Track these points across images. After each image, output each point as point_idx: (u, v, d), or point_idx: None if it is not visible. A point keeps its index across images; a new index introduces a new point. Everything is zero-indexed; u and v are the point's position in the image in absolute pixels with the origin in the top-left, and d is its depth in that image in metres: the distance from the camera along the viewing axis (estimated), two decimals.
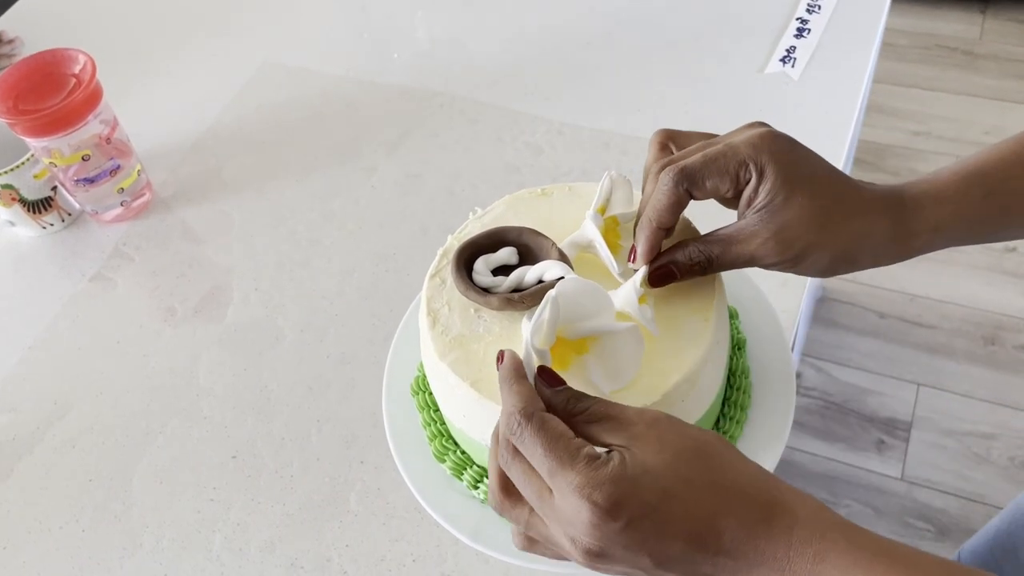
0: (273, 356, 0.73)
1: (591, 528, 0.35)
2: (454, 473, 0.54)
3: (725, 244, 0.46)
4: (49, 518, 0.66)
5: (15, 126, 0.75)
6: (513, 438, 0.39)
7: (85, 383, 0.73)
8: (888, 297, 1.68)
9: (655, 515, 0.35)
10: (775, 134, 0.45)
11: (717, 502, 0.35)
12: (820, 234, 0.44)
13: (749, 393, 0.55)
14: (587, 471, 0.36)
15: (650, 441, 0.37)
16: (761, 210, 0.44)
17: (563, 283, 0.45)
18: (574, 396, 0.40)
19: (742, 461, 0.37)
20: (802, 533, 0.35)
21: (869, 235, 0.45)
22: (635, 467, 0.36)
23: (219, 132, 0.93)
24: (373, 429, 0.68)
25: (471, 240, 0.52)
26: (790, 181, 0.44)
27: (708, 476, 0.36)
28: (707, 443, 0.37)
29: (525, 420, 0.38)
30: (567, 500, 0.36)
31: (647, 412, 0.39)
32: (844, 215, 0.45)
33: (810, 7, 0.92)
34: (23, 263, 0.83)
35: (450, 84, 0.94)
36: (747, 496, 0.36)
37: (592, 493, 0.35)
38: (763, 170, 0.44)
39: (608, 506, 0.35)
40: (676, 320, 0.48)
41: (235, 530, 0.64)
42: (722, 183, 0.44)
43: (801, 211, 0.44)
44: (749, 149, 0.44)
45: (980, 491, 1.42)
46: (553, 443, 0.37)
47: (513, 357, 0.43)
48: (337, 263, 0.79)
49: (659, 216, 0.46)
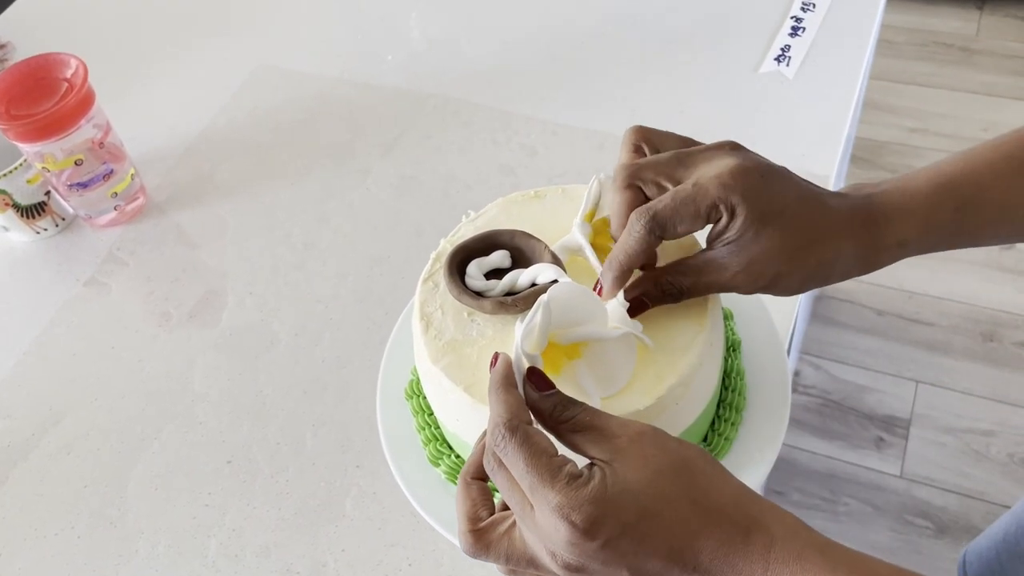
0: (268, 360, 0.73)
1: (569, 546, 0.36)
2: (449, 478, 0.54)
3: (696, 275, 0.47)
4: (45, 524, 0.66)
5: (7, 131, 0.74)
6: (496, 449, 0.38)
7: (80, 388, 0.73)
8: (886, 294, 1.68)
9: (633, 533, 0.35)
10: (745, 168, 0.44)
11: (696, 521, 0.35)
12: (789, 264, 0.45)
13: (744, 395, 0.55)
14: (566, 491, 0.36)
15: (632, 457, 0.37)
16: (731, 244, 0.45)
17: (555, 288, 0.45)
18: (561, 403, 0.40)
19: (723, 478, 0.37)
20: (779, 553, 0.35)
21: (837, 258, 0.46)
22: (614, 486, 0.36)
23: (213, 135, 0.92)
24: (369, 433, 0.67)
25: (463, 244, 0.52)
26: (760, 218, 0.44)
27: (688, 494, 0.36)
28: (689, 460, 0.37)
29: (509, 433, 0.38)
30: (546, 517, 0.36)
31: (631, 425, 0.38)
32: (812, 243, 0.45)
33: (804, 5, 0.92)
34: (17, 268, 0.83)
35: (444, 86, 0.93)
36: (726, 515, 0.36)
37: (571, 513, 0.35)
38: (734, 209, 0.44)
39: (586, 526, 0.35)
40: (670, 324, 0.48)
41: (230, 536, 0.64)
42: (693, 225, 0.45)
43: (770, 244, 0.44)
44: (720, 190, 0.44)
45: (980, 488, 1.42)
46: (535, 459, 0.37)
47: (504, 363, 0.42)
48: (332, 266, 0.79)
49: (629, 260, 0.46)
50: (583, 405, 0.40)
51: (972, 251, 1.71)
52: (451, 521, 0.53)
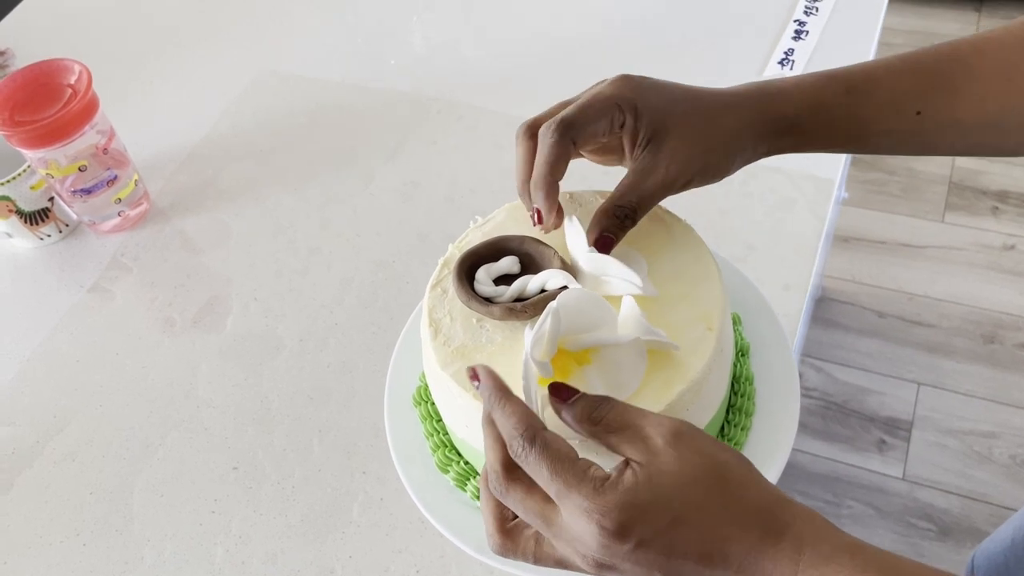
0: (273, 366, 0.73)
1: (601, 547, 0.36)
2: (458, 484, 0.54)
3: (635, 189, 0.49)
4: (49, 532, 0.66)
5: (11, 138, 0.74)
6: (517, 460, 0.38)
7: (84, 395, 0.73)
8: (887, 296, 1.68)
9: (664, 539, 0.35)
10: (627, 75, 0.49)
11: (727, 526, 0.35)
12: (707, 141, 0.49)
13: (753, 399, 0.54)
14: (595, 496, 0.35)
15: (668, 461, 0.36)
16: (648, 144, 0.48)
17: (564, 295, 0.45)
18: (589, 404, 0.40)
19: (756, 482, 0.37)
20: (810, 557, 0.35)
21: (743, 127, 0.49)
22: (647, 491, 0.36)
23: (216, 141, 0.92)
24: (375, 439, 0.67)
25: (472, 250, 0.52)
26: (661, 110, 0.48)
27: (721, 499, 0.36)
28: (724, 463, 0.37)
29: (528, 443, 0.38)
30: (576, 521, 0.36)
31: (666, 423, 0.38)
32: (716, 116, 0.49)
33: (808, 9, 0.92)
34: (20, 275, 0.83)
35: (447, 90, 0.93)
36: (757, 520, 0.36)
37: (601, 518, 0.35)
38: (634, 107, 0.47)
39: (616, 529, 0.35)
40: (680, 328, 0.48)
41: (237, 543, 0.63)
42: (599, 126, 0.47)
43: (681, 130, 0.48)
44: (615, 90, 0.48)
45: (982, 490, 1.42)
46: (559, 464, 0.37)
47: (489, 374, 0.42)
48: (336, 271, 0.79)
49: (551, 169, 0.48)
50: (611, 403, 0.40)
51: (973, 253, 1.71)
52: (460, 527, 0.53)
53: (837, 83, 0.50)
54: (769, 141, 0.50)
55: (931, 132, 0.51)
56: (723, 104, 0.50)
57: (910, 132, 0.51)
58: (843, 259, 1.74)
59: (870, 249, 1.76)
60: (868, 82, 0.50)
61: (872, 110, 0.50)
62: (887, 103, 0.50)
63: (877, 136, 0.51)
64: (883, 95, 0.50)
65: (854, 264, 1.73)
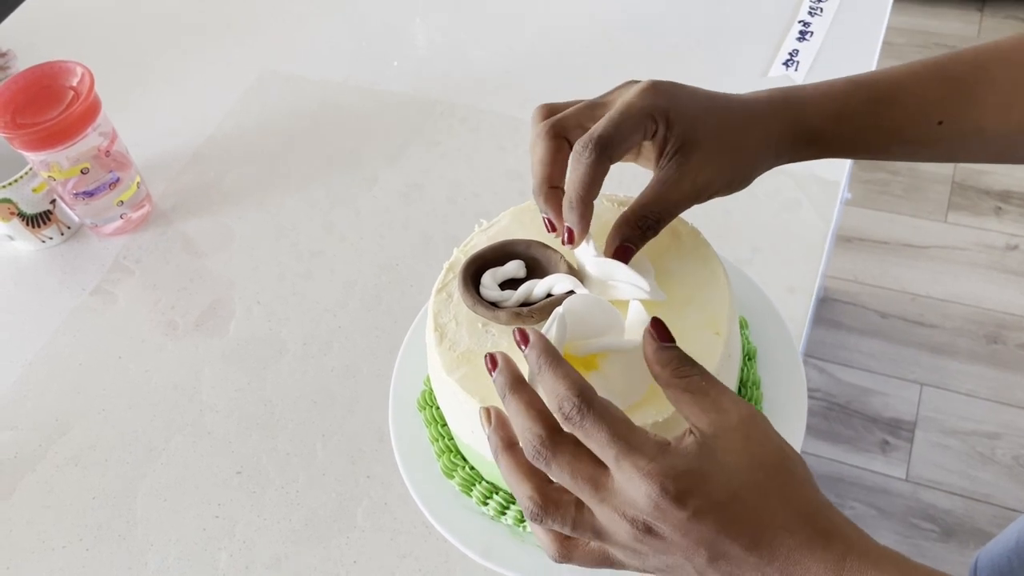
0: (276, 370, 0.73)
1: (654, 509, 0.35)
2: (463, 489, 0.54)
3: (661, 200, 0.48)
4: (52, 538, 0.65)
5: (12, 140, 0.74)
6: (569, 422, 0.37)
7: (87, 399, 0.73)
8: (889, 296, 1.68)
9: (721, 512, 0.35)
10: (656, 82, 0.48)
11: (782, 517, 0.35)
12: (734, 152, 0.48)
13: (761, 404, 0.54)
14: (660, 457, 0.35)
15: (735, 438, 0.36)
16: (676, 154, 0.47)
17: (571, 300, 0.44)
18: (679, 357, 0.39)
19: (813, 485, 0.37)
20: (854, 563, 0.34)
21: (770, 135, 0.49)
22: (710, 462, 0.35)
23: (218, 142, 0.92)
24: (379, 443, 0.67)
25: (478, 254, 0.51)
26: (691, 118, 0.47)
27: (781, 490, 0.36)
28: (789, 458, 0.37)
29: (585, 405, 0.37)
30: (633, 482, 0.35)
31: (743, 405, 0.38)
32: (744, 126, 0.48)
33: (812, 9, 0.91)
34: (22, 277, 0.83)
35: (450, 92, 0.93)
36: (811, 518, 0.35)
37: (663, 480, 0.34)
38: (667, 117, 0.46)
39: (677, 493, 0.34)
40: (686, 334, 0.48)
41: (241, 547, 0.63)
42: (635, 140, 0.46)
43: (710, 141, 0.47)
44: (645, 99, 0.46)
45: (986, 491, 1.42)
46: (618, 426, 0.36)
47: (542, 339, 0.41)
48: (339, 274, 0.78)
49: (586, 190, 0.47)
50: (700, 367, 0.39)
51: (975, 253, 1.71)
52: (466, 533, 0.52)
53: (862, 91, 0.50)
54: (792, 152, 0.50)
55: (954, 141, 0.50)
56: (750, 114, 0.49)
57: (933, 141, 0.50)
58: (845, 259, 1.73)
59: (873, 249, 1.75)
60: (893, 91, 0.50)
61: (897, 120, 0.50)
62: (912, 113, 0.50)
63: (900, 145, 0.51)
64: (908, 105, 0.49)
65: (856, 264, 1.73)
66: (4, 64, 1.04)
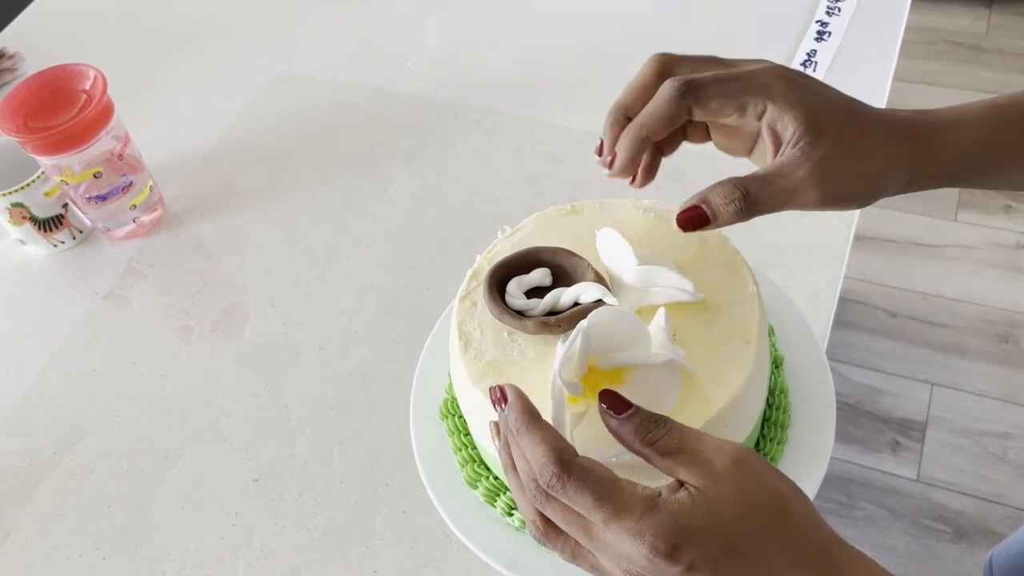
0: (292, 375, 0.72)
1: (648, 564, 0.35)
2: (487, 500, 0.53)
3: (764, 181, 0.43)
4: (68, 546, 0.65)
5: (25, 144, 0.73)
6: (553, 492, 0.36)
7: (101, 405, 0.72)
8: (900, 296, 1.67)
9: (715, 566, 0.34)
10: (784, 67, 0.44)
11: (781, 562, 0.34)
12: (859, 162, 0.43)
13: (789, 412, 0.53)
14: (647, 516, 0.34)
15: (726, 487, 0.35)
16: (799, 143, 0.42)
17: (596, 313, 0.43)
18: (644, 423, 0.38)
19: (813, 521, 0.36)
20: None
21: (896, 160, 0.44)
22: (704, 516, 0.35)
23: (230, 144, 0.91)
24: (398, 450, 0.66)
25: (503, 261, 0.51)
26: (816, 111, 0.43)
27: (778, 535, 0.35)
28: (785, 498, 0.36)
29: (565, 473, 0.36)
30: (623, 542, 0.35)
31: (727, 449, 0.36)
32: (874, 139, 0.44)
33: (830, 9, 0.90)
34: (34, 282, 0.82)
35: (464, 93, 0.92)
36: (813, 561, 0.35)
37: (654, 540, 0.34)
38: (781, 102, 0.42)
39: (668, 551, 0.34)
40: (717, 342, 0.47)
41: (259, 556, 0.62)
42: (727, 106, 0.43)
43: (836, 141, 0.43)
44: (763, 77, 0.43)
45: (997, 491, 1.41)
46: (600, 489, 0.35)
47: (518, 395, 0.40)
48: (355, 278, 0.78)
49: (651, 123, 0.44)
50: (668, 423, 0.38)
51: (986, 252, 1.70)
52: (491, 545, 0.52)
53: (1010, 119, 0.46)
54: (925, 180, 0.46)
55: None
56: (886, 129, 0.44)
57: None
58: (855, 258, 1.72)
59: (883, 248, 1.74)
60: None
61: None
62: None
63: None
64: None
65: (866, 263, 1.72)
66: (12, 67, 1.03)
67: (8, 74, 1.02)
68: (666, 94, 0.43)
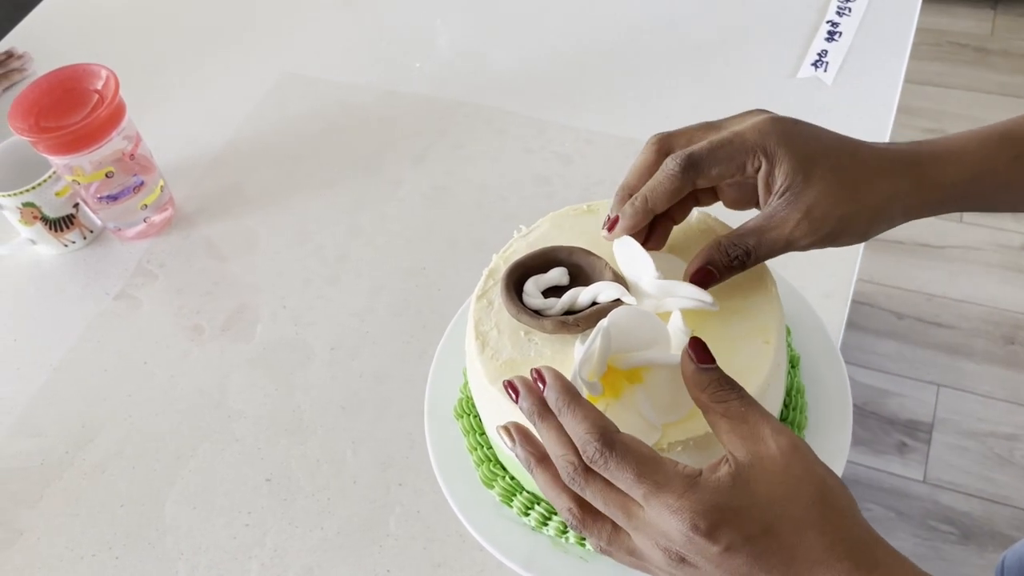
0: (304, 375, 0.72)
1: (687, 542, 0.35)
2: (504, 499, 0.53)
3: (759, 234, 0.45)
4: (80, 546, 0.65)
5: (37, 144, 0.73)
6: (595, 467, 0.37)
7: (112, 405, 0.72)
8: (905, 297, 1.66)
9: (753, 547, 0.34)
10: (776, 118, 0.45)
11: (819, 551, 0.34)
12: (851, 204, 0.44)
13: (806, 412, 0.53)
14: (689, 493, 0.35)
15: (773, 469, 0.35)
16: (785, 193, 0.44)
17: (615, 313, 0.43)
18: (718, 380, 0.38)
19: (855, 517, 0.36)
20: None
21: (896, 193, 0.45)
22: (744, 494, 0.35)
23: (240, 145, 0.91)
24: (410, 450, 0.66)
25: (520, 261, 0.51)
26: (806, 159, 0.44)
27: (819, 524, 0.35)
28: (830, 490, 0.36)
29: (607, 448, 0.36)
30: (663, 518, 0.35)
31: (784, 435, 0.37)
32: (868, 178, 0.45)
33: (840, 9, 0.90)
34: (45, 282, 0.82)
35: (474, 94, 0.92)
36: (850, 553, 0.35)
37: (694, 517, 0.34)
38: (773, 155, 0.44)
39: (708, 528, 0.34)
40: (736, 343, 0.47)
41: (272, 556, 0.62)
42: (727, 170, 0.45)
43: (826, 185, 0.44)
44: (755, 136, 0.44)
45: (1004, 493, 1.41)
46: (643, 466, 0.36)
47: (556, 376, 0.41)
48: (366, 279, 0.78)
49: (655, 199, 0.46)
50: (742, 391, 0.38)
51: (991, 253, 1.70)
52: (507, 544, 0.52)
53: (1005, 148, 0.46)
54: (921, 209, 0.46)
55: None
56: (879, 166, 0.45)
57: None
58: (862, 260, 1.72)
59: (888, 249, 1.74)
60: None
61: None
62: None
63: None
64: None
65: (872, 265, 1.72)
66: (21, 67, 1.03)
67: (17, 74, 1.02)
68: (669, 171, 0.45)
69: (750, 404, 0.38)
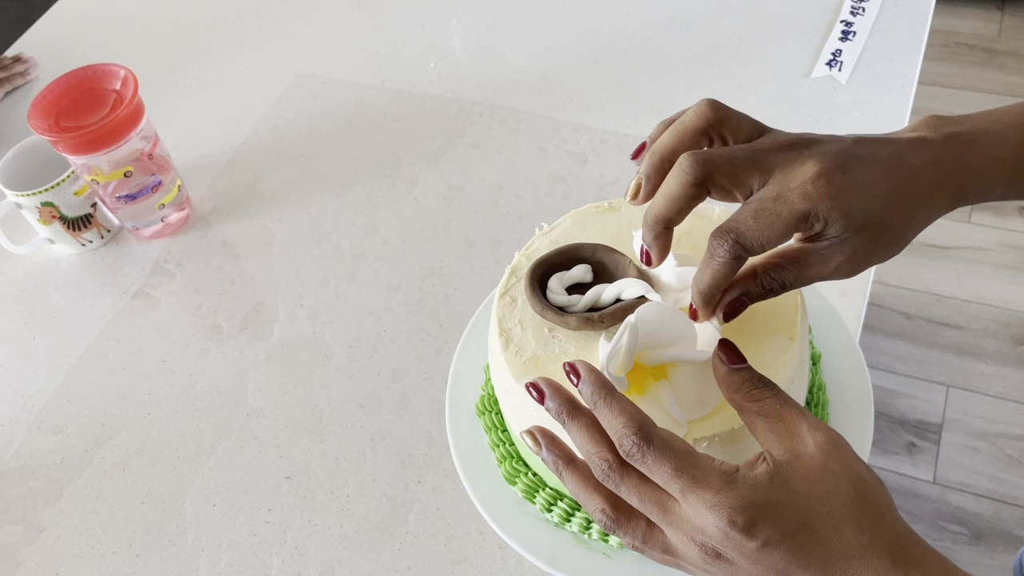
0: (322, 374, 0.72)
1: (724, 538, 0.35)
2: (526, 496, 0.53)
3: (798, 270, 0.43)
4: (101, 543, 0.65)
5: (57, 144, 0.73)
6: (631, 460, 0.37)
7: (132, 404, 0.72)
8: (914, 298, 1.66)
9: (790, 543, 0.34)
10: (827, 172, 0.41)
11: (857, 548, 0.34)
12: (893, 247, 0.44)
13: (827, 409, 0.53)
14: (726, 489, 0.35)
15: (811, 466, 0.35)
16: (832, 240, 0.42)
17: (643, 309, 0.44)
18: (751, 380, 0.38)
19: (893, 514, 0.36)
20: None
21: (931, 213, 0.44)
22: (781, 491, 0.35)
23: (255, 145, 0.92)
24: (429, 448, 0.66)
25: (544, 258, 0.51)
26: (856, 217, 0.41)
27: (857, 520, 0.35)
28: (869, 487, 0.36)
29: (644, 441, 0.37)
30: (700, 514, 0.35)
31: (823, 430, 0.37)
32: (911, 216, 0.43)
33: (854, 9, 0.91)
34: (63, 281, 0.82)
35: (488, 93, 0.92)
36: (888, 550, 0.35)
37: (732, 512, 0.34)
38: (827, 218, 0.40)
39: (745, 524, 0.34)
40: (760, 341, 0.47)
41: (293, 553, 0.63)
42: (780, 241, 0.42)
43: (872, 233, 0.42)
44: (805, 202, 0.40)
45: (1014, 493, 1.40)
46: (680, 461, 0.36)
47: (591, 370, 0.40)
48: (383, 278, 0.78)
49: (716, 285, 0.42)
50: (774, 388, 0.38)
51: (1000, 254, 1.70)
52: (531, 541, 0.52)
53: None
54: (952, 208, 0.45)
55: None
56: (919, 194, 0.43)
57: None
58: None
59: None
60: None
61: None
62: None
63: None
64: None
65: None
66: (24, 71, 1.03)
67: (19, 79, 1.03)
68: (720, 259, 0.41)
69: (785, 401, 0.38)
